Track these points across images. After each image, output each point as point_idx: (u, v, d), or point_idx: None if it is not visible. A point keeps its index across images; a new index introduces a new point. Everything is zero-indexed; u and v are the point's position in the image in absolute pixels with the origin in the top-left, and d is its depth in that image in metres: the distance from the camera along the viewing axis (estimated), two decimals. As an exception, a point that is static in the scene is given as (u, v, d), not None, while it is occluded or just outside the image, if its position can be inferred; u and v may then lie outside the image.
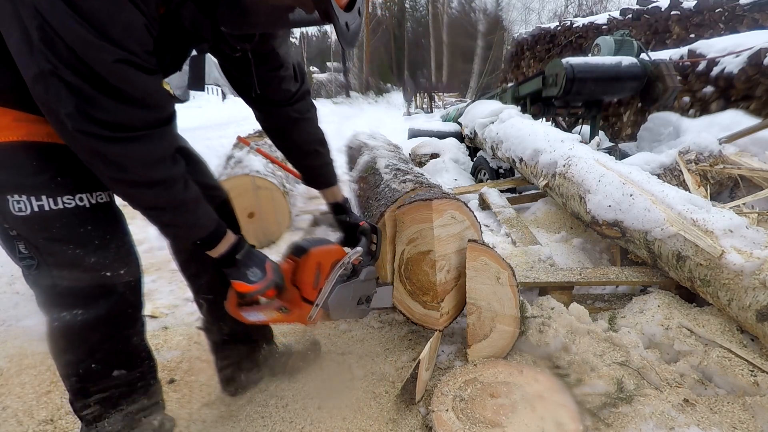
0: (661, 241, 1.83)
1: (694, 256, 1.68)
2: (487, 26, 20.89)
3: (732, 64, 3.82)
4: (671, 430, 1.25)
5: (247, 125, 6.85)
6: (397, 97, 17.46)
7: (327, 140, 1.41)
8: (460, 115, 5.21)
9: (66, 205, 0.93)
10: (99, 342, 1.01)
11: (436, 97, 14.56)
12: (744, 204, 2.46)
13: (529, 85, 4.26)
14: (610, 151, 3.85)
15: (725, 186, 2.86)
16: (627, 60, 3.84)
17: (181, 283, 1.53)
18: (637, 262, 2.14)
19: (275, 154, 3.31)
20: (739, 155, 2.83)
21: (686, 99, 4.26)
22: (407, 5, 32.60)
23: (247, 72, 1.13)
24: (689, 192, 2.38)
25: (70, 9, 0.72)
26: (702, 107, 4.12)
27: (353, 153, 3.06)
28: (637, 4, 7.24)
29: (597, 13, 11.19)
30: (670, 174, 2.88)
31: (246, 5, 0.92)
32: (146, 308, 2.01)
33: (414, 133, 5.68)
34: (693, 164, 2.86)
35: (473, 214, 1.66)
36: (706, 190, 2.73)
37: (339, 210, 1.46)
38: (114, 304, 1.02)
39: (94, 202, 0.98)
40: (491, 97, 5.23)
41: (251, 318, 1.19)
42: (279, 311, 1.22)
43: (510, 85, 5.10)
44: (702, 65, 4.14)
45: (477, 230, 1.67)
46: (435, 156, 4.66)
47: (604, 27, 7.28)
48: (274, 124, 1.34)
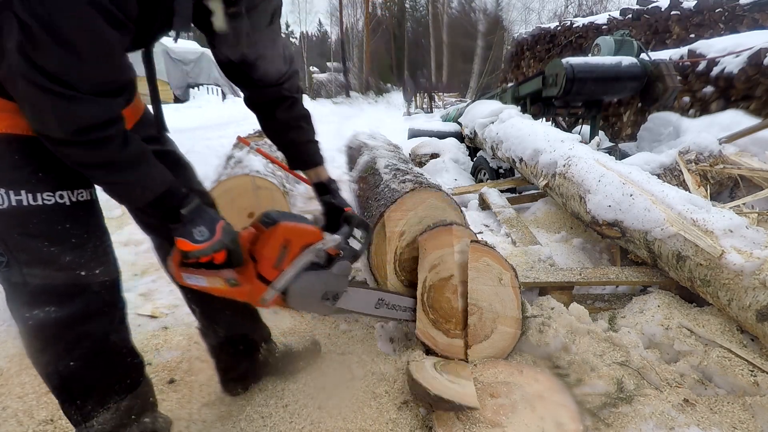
0: (661, 241, 1.83)
1: (694, 256, 1.68)
2: (487, 26, 20.90)
3: (732, 64, 3.82)
4: (671, 430, 1.25)
5: (247, 125, 6.82)
6: (397, 97, 17.45)
7: (312, 119, 1.35)
8: (460, 115, 5.21)
9: (45, 202, 0.91)
10: (75, 340, 1.00)
11: (436, 97, 14.56)
12: (744, 204, 2.46)
13: (529, 85, 4.26)
14: (610, 151, 3.85)
15: (725, 186, 2.86)
16: (627, 60, 3.84)
17: (181, 283, 1.52)
18: (637, 262, 2.14)
19: (275, 154, 3.31)
20: (739, 155, 2.83)
21: (686, 99, 4.27)
22: (407, 5, 32.61)
23: (237, 38, 1.05)
24: (689, 192, 2.38)
25: None
26: (702, 107, 4.12)
27: (353, 153, 3.06)
28: (637, 4, 7.23)
29: (597, 13, 11.19)
30: (670, 174, 2.88)
31: None
32: (146, 308, 2.03)
33: (414, 133, 5.68)
34: (693, 164, 2.86)
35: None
36: (706, 190, 2.73)
37: (323, 190, 1.35)
38: (88, 303, 1.00)
39: (74, 200, 0.95)
40: (491, 97, 5.23)
41: (190, 281, 1.06)
42: (226, 282, 1.07)
43: (510, 85, 5.10)
44: (702, 65, 4.14)
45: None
46: (435, 156, 4.66)
47: (604, 27, 7.28)
48: (263, 101, 1.28)
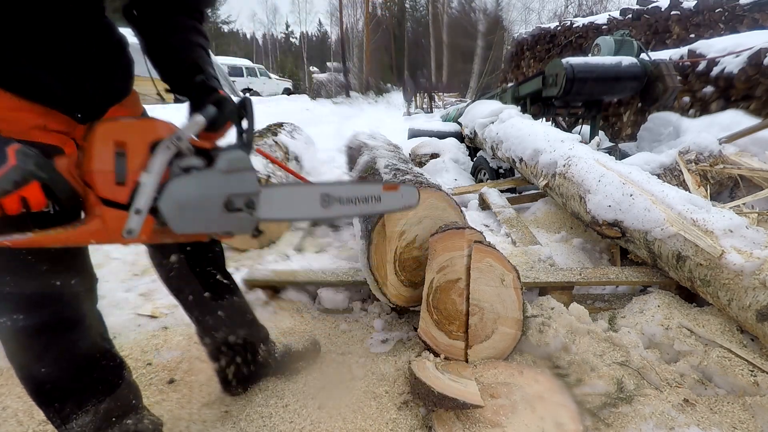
0: (661, 241, 1.83)
1: (694, 256, 1.68)
2: (487, 26, 20.91)
3: (732, 64, 3.82)
4: (671, 430, 1.25)
5: (247, 125, 6.76)
6: (397, 97, 17.45)
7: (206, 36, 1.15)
8: (460, 115, 5.21)
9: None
10: (43, 348, 0.99)
11: (436, 97, 14.56)
12: (744, 204, 2.46)
13: (529, 85, 4.26)
14: (610, 151, 3.85)
15: (725, 186, 2.86)
16: (627, 60, 3.84)
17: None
18: (637, 262, 2.14)
19: (275, 154, 3.31)
20: (739, 155, 2.83)
21: (686, 99, 4.27)
22: (407, 5, 32.62)
23: None
24: (689, 192, 2.38)
25: None
26: (702, 107, 4.12)
27: (353, 153, 3.06)
28: (637, 4, 7.24)
29: (597, 13, 11.19)
30: (670, 174, 2.88)
31: None
32: (146, 308, 2.03)
33: (414, 133, 5.68)
34: (693, 164, 2.86)
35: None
36: (706, 190, 2.73)
37: (196, 70, 1.06)
38: (59, 313, 0.99)
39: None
40: (491, 97, 5.23)
41: (8, 240, 0.78)
42: (59, 225, 0.81)
43: (510, 85, 5.10)
44: (702, 65, 4.14)
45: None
46: (435, 156, 4.66)
47: (604, 27, 7.29)
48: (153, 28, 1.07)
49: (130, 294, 2.18)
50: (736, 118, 3.35)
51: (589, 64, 3.72)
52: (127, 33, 1.10)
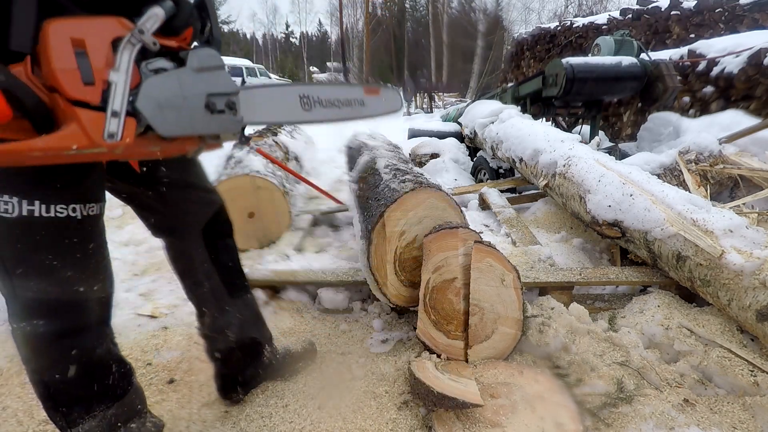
0: (661, 241, 1.83)
1: (694, 256, 1.68)
2: (487, 26, 20.93)
3: (732, 64, 3.82)
4: (671, 430, 1.25)
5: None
6: (397, 97, 17.42)
7: None
8: (460, 115, 5.21)
9: (58, 215, 0.89)
10: (61, 354, 0.99)
11: (436, 97, 14.57)
12: (744, 204, 2.46)
13: (529, 85, 4.26)
14: (610, 151, 3.85)
15: (725, 186, 2.86)
16: (627, 60, 3.84)
17: (181, 283, 1.51)
18: (637, 262, 2.14)
19: (275, 154, 3.31)
20: (739, 155, 2.83)
21: (686, 99, 4.27)
22: (407, 5, 32.62)
23: None
24: (689, 192, 2.38)
25: None
26: (702, 107, 4.12)
27: (353, 153, 3.06)
28: (637, 4, 7.24)
29: (597, 13, 11.20)
30: (670, 174, 2.88)
31: None
32: (146, 308, 2.03)
33: (414, 133, 5.68)
34: (693, 164, 2.86)
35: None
36: (706, 190, 2.73)
37: None
38: (79, 319, 0.99)
39: (85, 214, 0.94)
40: (491, 97, 5.23)
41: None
42: (32, 135, 0.76)
43: (510, 85, 5.10)
44: (702, 65, 4.14)
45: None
46: (435, 156, 4.66)
47: (604, 27, 7.29)
48: None
49: (130, 294, 2.18)
50: (736, 118, 3.35)
51: (589, 64, 3.72)
52: None
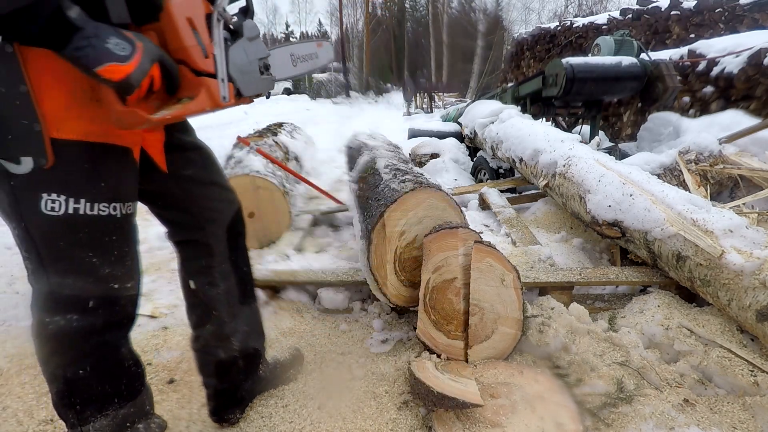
0: (661, 241, 1.83)
1: (694, 256, 1.68)
2: (487, 26, 20.93)
3: (732, 64, 3.82)
4: (671, 430, 1.25)
5: (247, 125, 6.81)
6: (397, 97, 17.44)
7: None
8: (460, 115, 5.21)
9: (101, 212, 0.92)
10: (89, 350, 1.00)
11: (436, 97, 14.57)
12: (744, 204, 2.46)
13: (529, 85, 4.25)
14: (610, 151, 3.85)
15: (725, 186, 2.86)
16: (627, 60, 3.83)
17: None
18: (637, 262, 2.14)
19: (275, 154, 3.31)
20: (739, 155, 2.83)
21: (686, 99, 4.27)
22: (407, 5, 32.63)
23: None
24: (689, 192, 2.38)
25: None
26: (702, 107, 4.12)
27: (353, 153, 3.06)
28: (637, 4, 7.24)
29: (597, 13, 11.20)
30: (670, 174, 2.88)
31: None
32: (146, 308, 2.03)
33: (414, 133, 5.68)
34: (693, 164, 2.86)
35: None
36: (706, 190, 2.73)
37: None
38: (111, 315, 1.00)
39: (124, 212, 0.97)
40: (491, 97, 5.23)
41: (157, 116, 0.86)
42: (182, 102, 0.91)
43: (510, 85, 5.10)
44: (702, 65, 4.14)
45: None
46: (435, 156, 4.66)
47: (604, 27, 7.29)
48: None
49: (130, 294, 2.17)
50: (736, 118, 3.35)
51: (589, 64, 3.71)
52: None
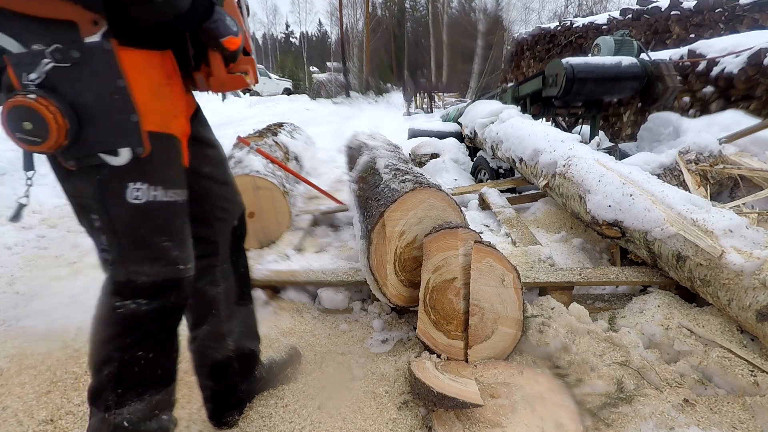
0: (661, 241, 1.83)
1: (694, 256, 1.68)
2: (487, 26, 20.92)
3: (732, 64, 3.82)
4: (671, 430, 1.25)
5: (247, 125, 6.80)
6: (397, 97, 17.44)
7: None
8: (460, 115, 5.21)
9: (171, 198, 0.98)
10: (154, 331, 1.02)
11: (436, 97, 14.55)
12: (744, 204, 2.46)
13: (529, 85, 4.26)
14: (610, 151, 3.85)
15: (725, 186, 2.86)
16: (627, 60, 3.83)
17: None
18: (637, 262, 2.14)
19: (275, 154, 3.31)
20: (739, 155, 2.83)
21: (686, 99, 4.27)
22: (407, 5, 32.63)
23: None
24: (689, 192, 2.38)
25: None
26: (702, 107, 4.12)
27: (353, 153, 3.06)
28: (637, 4, 7.24)
29: (597, 13, 11.20)
30: (670, 174, 2.88)
31: None
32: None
33: (414, 133, 5.68)
34: (693, 164, 2.86)
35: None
36: (706, 190, 2.73)
37: None
38: (176, 297, 1.04)
39: (185, 198, 1.03)
40: (491, 97, 5.23)
41: (249, 82, 1.07)
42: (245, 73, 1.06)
43: (510, 85, 5.10)
44: (702, 65, 4.14)
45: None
46: (435, 156, 4.66)
47: (604, 27, 7.29)
48: None
49: (130, 294, 2.17)
50: (736, 118, 3.35)
51: (589, 64, 3.71)
52: None
